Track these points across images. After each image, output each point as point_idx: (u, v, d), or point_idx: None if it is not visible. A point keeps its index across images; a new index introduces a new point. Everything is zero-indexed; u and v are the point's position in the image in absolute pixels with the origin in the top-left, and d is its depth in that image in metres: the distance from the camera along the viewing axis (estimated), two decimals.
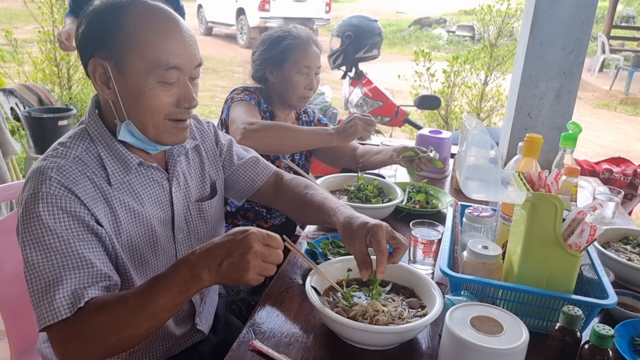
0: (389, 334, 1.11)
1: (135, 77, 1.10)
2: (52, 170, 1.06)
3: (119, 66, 1.09)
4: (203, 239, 1.36)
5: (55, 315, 0.99)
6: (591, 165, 2.90)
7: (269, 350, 1.10)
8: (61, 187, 1.05)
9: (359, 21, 3.74)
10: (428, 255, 1.46)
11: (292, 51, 1.92)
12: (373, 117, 1.87)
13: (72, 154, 1.11)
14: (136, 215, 1.18)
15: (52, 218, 1.03)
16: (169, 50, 1.10)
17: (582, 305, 1.14)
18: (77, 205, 1.06)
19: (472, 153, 1.26)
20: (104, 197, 1.12)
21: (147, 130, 1.14)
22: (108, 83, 1.11)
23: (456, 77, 5.08)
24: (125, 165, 1.16)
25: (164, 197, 1.25)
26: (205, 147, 1.40)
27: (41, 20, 5.12)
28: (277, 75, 1.95)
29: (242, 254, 1.00)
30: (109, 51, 1.09)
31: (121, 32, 1.08)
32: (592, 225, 1.16)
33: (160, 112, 1.13)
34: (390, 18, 16.34)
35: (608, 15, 10.91)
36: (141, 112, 1.12)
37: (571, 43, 2.17)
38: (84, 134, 1.16)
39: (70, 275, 1.01)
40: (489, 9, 5.06)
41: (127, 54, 1.08)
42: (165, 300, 1.01)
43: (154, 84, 1.10)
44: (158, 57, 1.09)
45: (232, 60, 10.70)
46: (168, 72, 1.10)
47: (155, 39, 1.09)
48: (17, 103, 4.10)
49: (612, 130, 7.59)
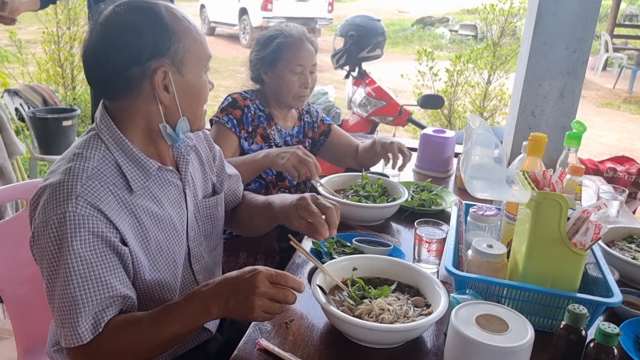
0: (394, 332, 1.11)
1: (195, 74, 1.17)
2: (76, 187, 1.05)
3: (180, 68, 1.14)
4: (210, 236, 1.38)
5: (80, 339, 1.04)
6: (595, 164, 2.89)
7: (275, 348, 1.11)
8: (88, 206, 1.05)
9: (362, 21, 3.74)
10: (432, 254, 1.46)
11: (284, 50, 1.89)
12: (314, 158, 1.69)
13: (91, 165, 1.10)
14: (160, 219, 1.20)
15: (79, 241, 1.04)
16: (204, 42, 1.19)
17: (587, 303, 1.15)
18: (103, 226, 1.06)
19: (476, 152, 1.26)
20: (127, 208, 1.13)
21: (195, 121, 1.22)
22: (167, 88, 1.14)
23: (459, 77, 5.08)
24: (145, 170, 1.17)
25: (180, 197, 1.27)
26: (201, 148, 1.42)
27: (45, 21, 5.14)
28: (271, 75, 1.93)
29: (248, 294, 1.04)
30: (169, 56, 1.12)
31: (175, 35, 1.12)
32: (597, 224, 1.16)
33: (206, 101, 1.23)
34: (392, 17, 16.33)
35: (611, 13, 10.89)
36: (198, 106, 1.21)
37: (575, 42, 2.17)
38: (97, 140, 1.14)
39: (93, 300, 1.05)
40: (492, 7, 5.05)
41: (186, 56, 1.14)
42: (175, 328, 1.08)
43: (204, 77, 1.20)
44: (203, 51, 1.18)
45: (234, 60, 10.71)
46: (208, 62, 1.21)
47: (193, 35, 1.16)
48: (22, 103, 4.11)
49: (615, 129, 7.57)
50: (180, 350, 1.31)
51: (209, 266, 1.39)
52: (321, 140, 2.13)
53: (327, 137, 2.13)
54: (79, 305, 1.03)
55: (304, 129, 2.08)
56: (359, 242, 1.53)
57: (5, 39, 6.27)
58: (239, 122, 1.88)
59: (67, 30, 5.22)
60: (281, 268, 1.78)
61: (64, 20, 5.17)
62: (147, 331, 1.07)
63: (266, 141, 1.93)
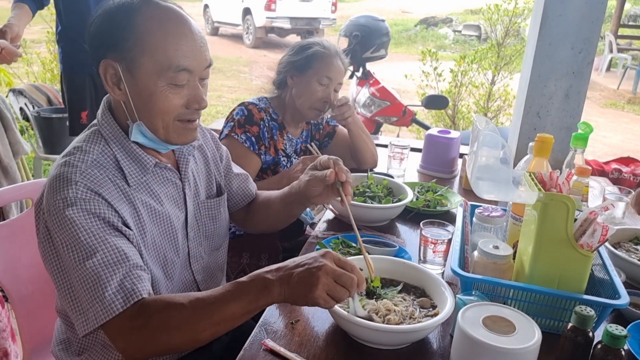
0: (400, 333, 1.11)
1: (146, 79, 1.10)
2: (75, 175, 1.07)
3: (130, 68, 1.10)
4: (211, 237, 1.38)
5: (110, 311, 1.00)
6: (600, 165, 2.89)
7: (281, 349, 1.10)
8: (88, 191, 1.06)
9: (367, 21, 3.74)
10: (438, 255, 1.46)
11: (317, 60, 1.90)
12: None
13: (90, 157, 1.12)
14: (158, 215, 1.20)
15: (84, 219, 1.04)
16: (179, 52, 1.11)
17: (594, 305, 1.14)
18: (105, 209, 1.07)
19: (483, 153, 1.26)
20: (126, 198, 1.13)
21: (157, 130, 1.16)
22: (119, 84, 1.12)
23: (463, 77, 5.08)
24: (142, 166, 1.18)
25: (179, 196, 1.27)
26: (208, 148, 1.42)
27: (50, 21, 5.14)
28: (296, 80, 1.93)
29: (313, 269, 1.01)
30: (120, 53, 1.10)
31: (133, 34, 1.09)
32: (604, 226, 1.15)
33: (170, 113, 1.14)
34: (396, 17, 16.31)
35: (616, 14, 10.85)
36: (152, 114, 1.13)
37: (580, 42, 2.16)
38: (98, 135, 1.17)
39: (113, 270, 1.02)
40: (496, 8, 5.05)
41: (138, 56, 1.09)
42: (235, 307, 1.02)
43: (164, 86, 1.11)
44: (169, 60, 1.10)
45: (238, 60, 10.71)
46: (179, 74, 1.11)
47: (166, 41, 1.10)
48: (27, 103, 4.13)
49: (619, 130, 7.55)
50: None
51: (209, 266, 1.39)
52: (325, 142, 2.14)
53: (331, 139, 2.14)
54: (100, 278, 1.01)
55: (311, 132, 2.09)
56: (365, 242, 1.52)
57: None
58: (257, 139, 1.87)
59: None
60: None
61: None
62: (203, 309, 1.01)
63: (277, 153, 1.94)
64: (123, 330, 1.01)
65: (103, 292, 1.00)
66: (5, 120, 3.09)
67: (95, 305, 1.01)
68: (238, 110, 1.89)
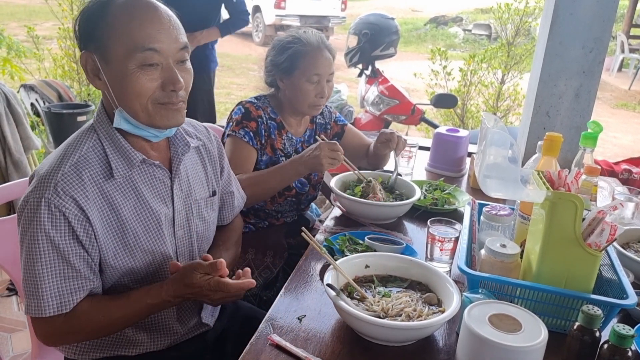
0: (406, 330, 1.11)
1: (117, 63, 1.13)
2: (57, 175, 1.12)
3: (105, 56, 1.14)
4: (201, 237, 1.39)
5: (42, 312, 1.12)
6: (610, 165, 2.87)
7: (287, 344, 1.11)
8: (64, 195, 1.11)
9: (376, 19, 3.74)
10: (445, 253, 1.46)
11: (301, 59, 1.83)
12: (337, 144, 1.73)
13: (78, 153, 1.16)
14: (139, 211, 1.22)
15: (50, 223, 1.10)
16: (143, 33, 1.13)
17: (601, 305, 1.14)
18: (74, 215, 1.11)
19: (491, 151, 1.26)
20: (104, 197, 1.17)
21: (137, 115, 1.17)
22: (98, 74, 1.16)
23: (473, 76, 5.05)
24: (129, 161, 1.20)
25: (166, 193, 1.28)
26: (207, 151, 1.43)
27: (61, 17, 5.18)
28: (287, 83, 1.88)
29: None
30: (95, 43, 1.14)
31: (103, 22, 1.13)
32: (613, 225, 1.15)
33: (144, 95, 1.15)
34: (405, 16, 16.26)
35: (628, 14, 10.75)
36: (128, 98, 1.15)
37: (591, 42, 2.15)
38: (91, 130, 1.21)
39: (58, 280, 1.12)
40: (506, 7, 5.01)
41: (109, 43, 1.13)
42: (133, 317, 1.22)
43: (134, 69, 1.13)
44: (134, 41, 1.12)
45: (247, 57, 10.73)
46: (145, 54, 1.12)
47: (131, 23, 1.12)
48: (37, 99, 4.16)
49: (630, 131, 7.48)
50: (178, 339, 1.34)
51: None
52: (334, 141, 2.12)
53: (340, 139, 2.12)
54: (44, 281, 1.11)
55: (316, 131, 2.07)
56: (372, 240, 1.53)
57: (22, 35, 6.34)
58: (255, 134, 1.86)
59: None
60: (290, 265, 1.80)
61: None
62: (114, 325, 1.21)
63: (275, 153, 1.91)
64: (47, 328, 1.16)
65: (41, 291, 1.11)
66: (17, 115, 3.12)
67: (30, 299, 1.12)
68: (236, 110, 1.90)
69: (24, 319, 1.57)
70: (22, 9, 14.11)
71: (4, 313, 2.59)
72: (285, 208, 1.99)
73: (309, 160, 1.71)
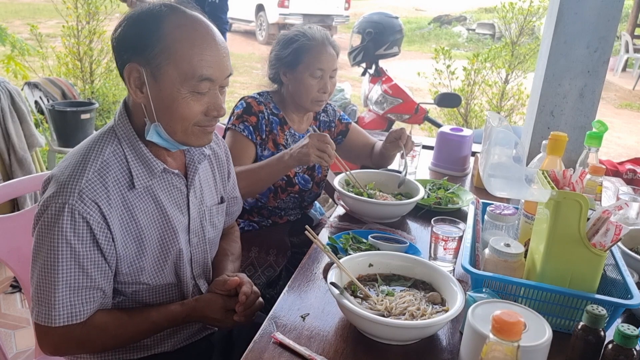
0: (410, 329, 1.11)
1: (169, 85, 1.13)
2: (81, 181, 1.10)
3: (155, 74, 1.13)
4: (212, 243, 1.41)
5: (51, 321, 1.10)
6: (614, 165, 2.86)
7: (290, 342, 1.11)
8: (88, 201, 1.10)
9: (380, 18, 3.73)
10: (449, 252, 1.45)
11: (305, 53, 1.84)
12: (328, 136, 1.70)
13: (100, 159, 1.15)
14: (157, 220, 1.22)
15: (72, 231, 1.09)
16: (204, 62, 1.13)
17: (605, 304, 1.13)
18: (97, 223, 1.11)
19: (495, 151, 1.25)
20: (125, 205, 1.16)
21: (175, 134, 1.18)
22: (142, 88, 1.15)
23: (476, 75, 5.04)
24: (150, 170, 1.20)
25: (182, 201, 1.28)
26: (217, 158, 1.44)
27: (65, 15, 5.19)
28: (290, 77, 1.89)
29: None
30: (146, 58, 1.12)
31: (159, 41, 1.11)
32: (618, 225, 1.14)
33: (190, 119, 1.16)
34: (409, 15, 16.25)
35: (632, 13, 10.71)
36: (172, 119, 1.16)
37: (596, 41, 2.14)
38: (112, 134, 1.19)
39: (73, 290, 1.11)
40: (510, 6, 5.00)
41: (164, 64, 1.12)
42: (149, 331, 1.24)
43: (186, 94, 1.14)
44: (193, 69, 1.12)
45: (251, 56, 10.73)
46: (201, 83, 1.14)
47: (192, 50, 1.12)
48: (41, 96, 4.17)
49: (635, 131, 7.46)
50: (184, 342, 1.34)
51: (209, 271, 1.41)
52: (338, 140, 2.12)
53: (344, 137, 2.12)
54: (58, 290, 1.09)
55: (319, 129, 2.07)
56: (375, 238, 1.53)
57: (26, 33, 6.35)
58: (255, 129, 1.86)
59: (86, 25, 5.27)
60: (293, 263, 1.80)
61: (84, 14, 5.22)
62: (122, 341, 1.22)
63: (278, 148, 1.91)
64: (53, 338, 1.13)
65: (54, 300, 1.10)
66: (21, 113, 3.13)
67: (42, 306, 1.11)
68: (238, 105, 1.91)
69: (27, 316, 1.57)
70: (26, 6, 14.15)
71: (8, 310, 2.60)
72: (289, 205, 1.99)
73: (297, 152, 1.69)
